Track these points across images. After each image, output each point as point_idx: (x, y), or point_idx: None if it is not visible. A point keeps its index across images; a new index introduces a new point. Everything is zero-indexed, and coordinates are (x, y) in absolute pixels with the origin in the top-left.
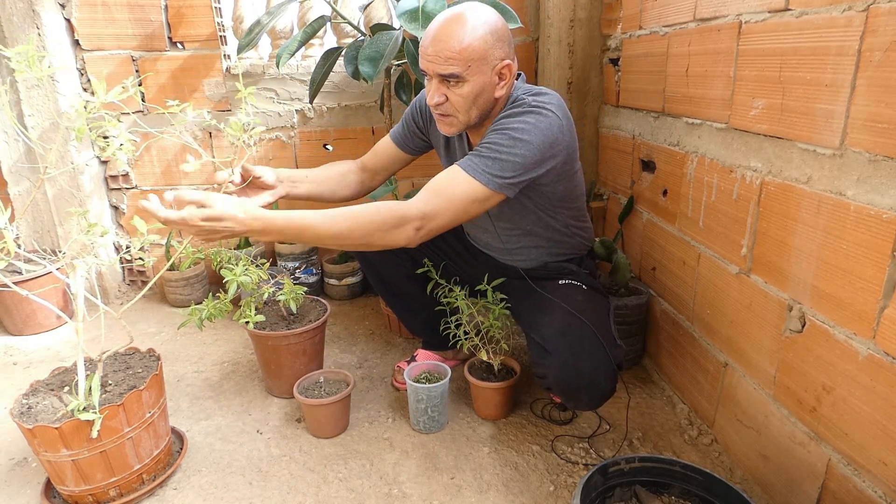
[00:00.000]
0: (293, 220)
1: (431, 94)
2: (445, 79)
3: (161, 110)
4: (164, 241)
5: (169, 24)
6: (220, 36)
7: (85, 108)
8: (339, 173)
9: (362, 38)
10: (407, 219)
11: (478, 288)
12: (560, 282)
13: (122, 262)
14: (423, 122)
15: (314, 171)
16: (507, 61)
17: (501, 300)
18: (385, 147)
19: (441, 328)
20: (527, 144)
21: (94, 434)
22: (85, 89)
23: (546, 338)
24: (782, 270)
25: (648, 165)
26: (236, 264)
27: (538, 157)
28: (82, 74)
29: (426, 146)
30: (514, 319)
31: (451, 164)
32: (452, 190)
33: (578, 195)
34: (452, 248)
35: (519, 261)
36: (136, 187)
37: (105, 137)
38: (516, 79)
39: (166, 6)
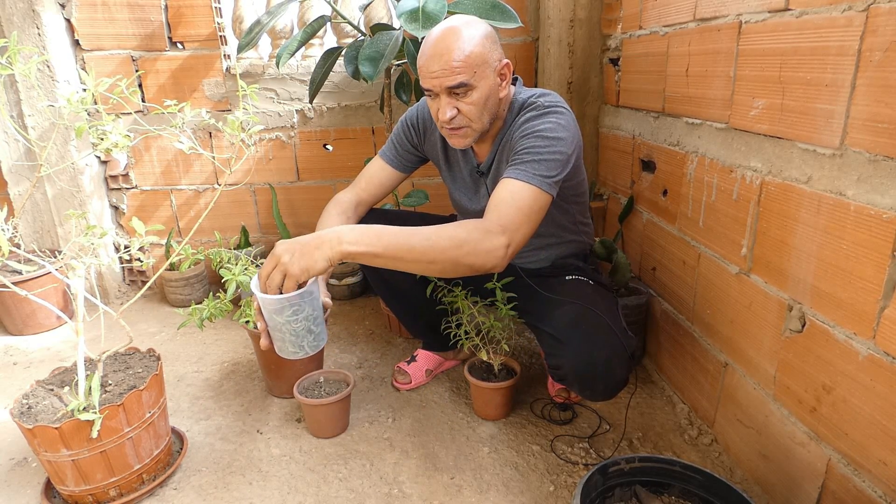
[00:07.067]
0: (383, 228)
1: (442, 110)
2: (454, 91)
3: (160, 110)
4: (163, 242)
5: (169, 24)
6: (220, 36)
7: (81, 102)
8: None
9: (362, 38)
10: (490, 230)
11: (487, 285)
12: (567, 277)
13: (121, 263)
14: (418, 138)
15: None
16: (505, 60)
17: (509, 299)
18: (379, 171)
19: (442, 328)
20: (561, 141)
21: (94, 434)
22: (85, 89)
23: (559, 328)
24: (782, 270)
25: (648, 165)
26: (235, 264)
27: (570, 152)
28: (81, 75)
29: (420, 161)
30: (521, 318)
31: (455, 176)
32: (520, 202)
33: (585, 189)
34: None
35: (527, 262)
36: (136, 187)
37: (102, 139)
38: (513, 83)
39: (166, 6)
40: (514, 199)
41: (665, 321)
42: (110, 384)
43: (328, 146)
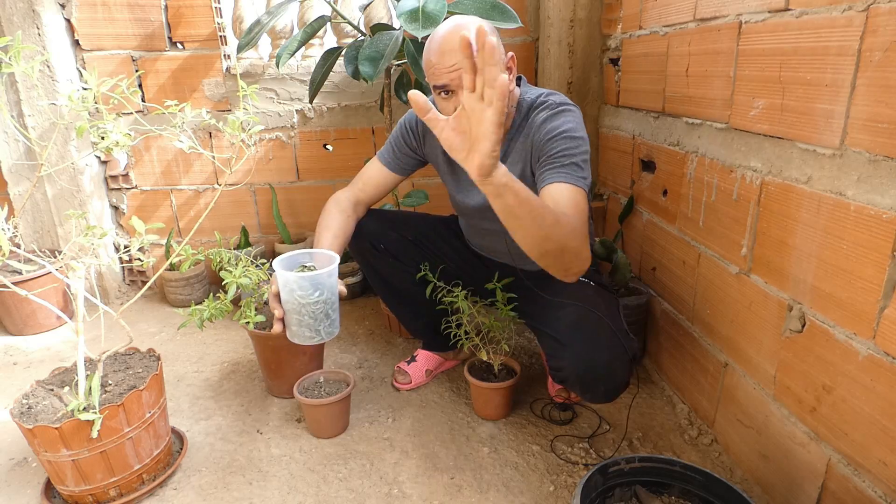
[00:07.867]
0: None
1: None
2: None
3: (161, 110)
4: (163, 242)
5: (169, 24)
6: (220, 36)
7: (82, 101)
8: (345, 230)
9: (362, 38)
10: (587, 241)
11: (487, 286)
12: None
13: (121, 263)
14: (417, 142)
15: (333, 239)
16: (511, 53)
17: (509, 300)
18: (377, 174)
19: (442, 328)
20: (583, 140)
21: (95, 434)
22: (86, 89)
23: (560, 330)
24: (782, 270)
25: (648, 165)
26: (236, 265)
27: (589, 150)
28: (82, 75)
29: (419, 164)
30: (521, 319)
31: (457, 176)
32: (579, 207)
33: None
34: (457, 253)
35: (528, 263)
36: (136, 187)
37: (102, 138)
38: (517, 83)
39: (166, 6)
40: (578, 207)
41: (665, 321)
42: (110, 384)
43: (328, 146)
